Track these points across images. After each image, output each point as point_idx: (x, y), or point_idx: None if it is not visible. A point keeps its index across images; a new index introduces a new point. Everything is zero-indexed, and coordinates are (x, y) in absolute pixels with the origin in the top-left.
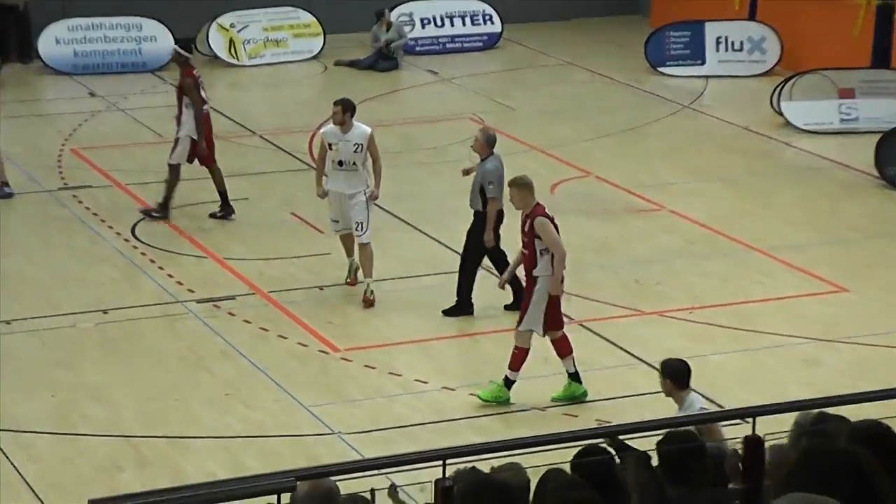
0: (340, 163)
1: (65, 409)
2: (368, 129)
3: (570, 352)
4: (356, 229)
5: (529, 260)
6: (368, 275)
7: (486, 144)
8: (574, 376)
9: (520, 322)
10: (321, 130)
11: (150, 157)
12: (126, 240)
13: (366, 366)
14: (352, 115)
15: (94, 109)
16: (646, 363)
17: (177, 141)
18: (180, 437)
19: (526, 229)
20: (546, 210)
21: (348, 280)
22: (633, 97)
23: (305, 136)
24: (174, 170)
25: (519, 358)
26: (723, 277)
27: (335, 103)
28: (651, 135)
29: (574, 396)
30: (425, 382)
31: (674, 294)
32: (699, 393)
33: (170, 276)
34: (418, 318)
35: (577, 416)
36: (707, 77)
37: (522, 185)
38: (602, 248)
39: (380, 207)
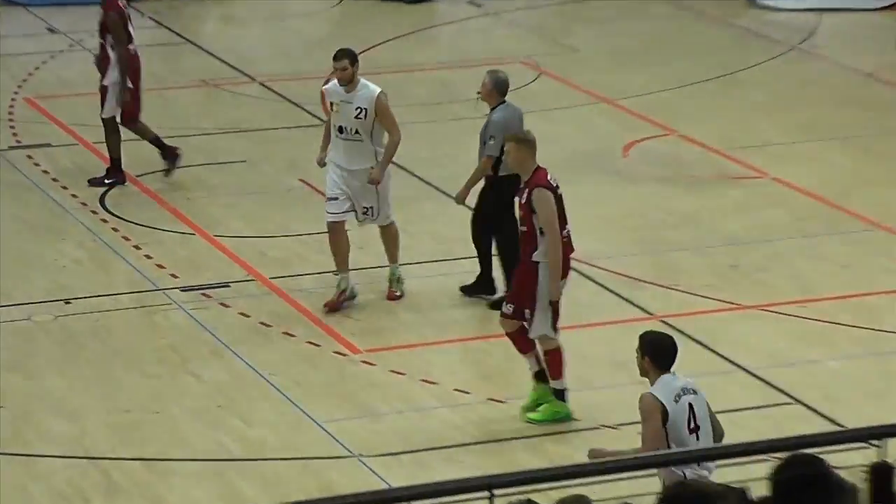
0: (340, 129)
1: (17, 424)
2: (376, 91)
3: (533, 347)
4: (365, 214)
5: (528, 240)
6: (393, 260)
7: (496, 90)
8: (540, 374)
9: (529, 328)
10: (325, 86)
11: None
12: (94, 212)
13: (393, 371)
14: (356, 70)
15: (55, 49)
16: (744, 370)
17: (105, 90)
18: (160, 460)
19: (523, 201)
20: (549, 178)
21: (335, 299)
22: (726, 35)
23: (316, 84)
24: (110, 124)
25: (554, 363)
26: (842, 262)
27: (338, 56)
28: (750, 83)
29: (538, 400)
30: (467, 392)
31: (779, 283)
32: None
33: (148, 257)
34: (458, 310)
35: None
36: (821, 10)
37: (521, 142)
38: (688, 224)
39: (409, 173)
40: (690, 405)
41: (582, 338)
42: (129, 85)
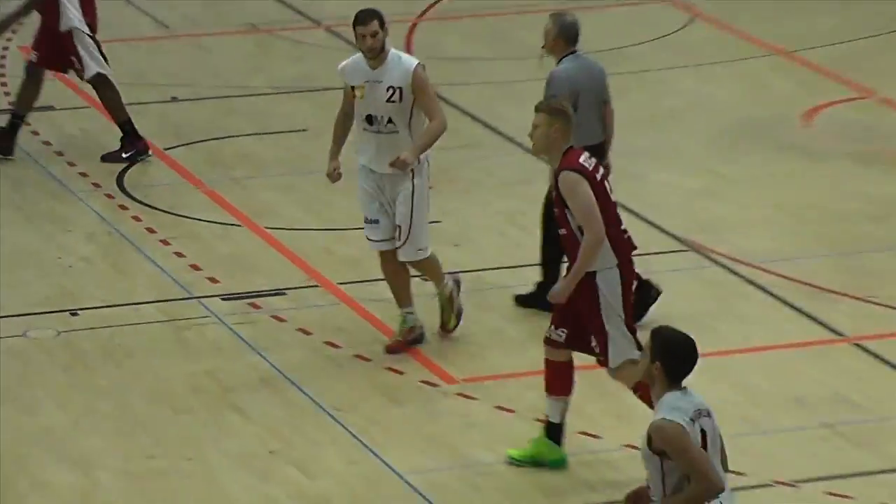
0: (370, 119)
1: (9, 471)
2: (412, 63)
3: (569, 392)
4: (396, 237)
5: (571, 246)
6: (438, 283)
7: (562, 37)
8: (554, 430)
9: (604, 357)
10: (342, 64)
11: (150, 62)
12: (109, 195)
13: (499, 407)
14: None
15: None
16: None
17: (69, 41)
18: None
19: (555, 193)
20: (582, 160)
21: (399, 339)
22: None
23: (401, 29)
24: (102, 83)
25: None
26: None
27: (364, 19)
28: None
29: (540, 459)
30: (597, 437)
31: None
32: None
33: (179, 255)
34: None
35: (851, 498)
36: None
37: (555, 115)
38: (892, 216)
39: (518, 146)
40: (703, 432)
41: (747, 365)
42: (89, 32)
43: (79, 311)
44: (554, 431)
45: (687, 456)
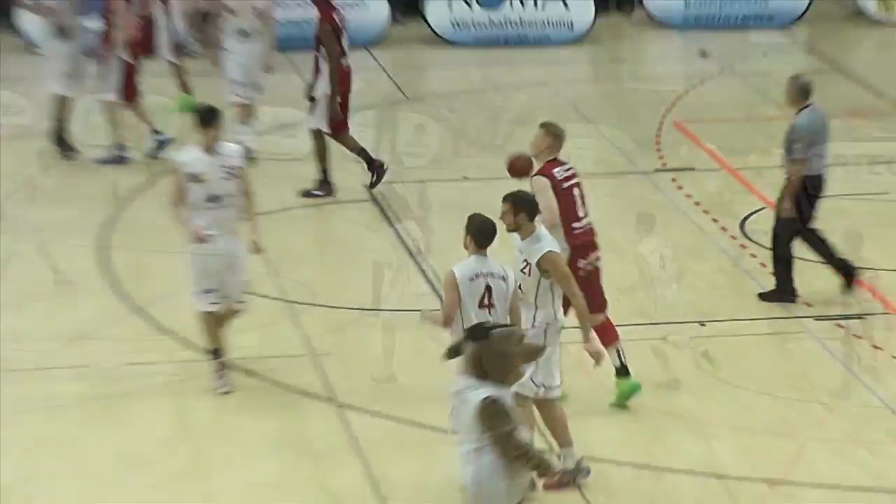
0: None
1: (648, 438)
2: None
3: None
4: None
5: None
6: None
7: (799, 93)
8: (622, 370)
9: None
10: None
11: (770, 134)
12: (733, 237)
13: None
14: None
15: (706, 74)
16: None
17: (313, 102)
18: (786, 483)
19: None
20: (555, 171)
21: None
22: None
23: None
24: (317, 136)
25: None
26: None
27: None
28: None
29: (627, 395)
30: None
31: None
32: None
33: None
34: None
35: None
36: None
37: (549, 132)
38: None
39: None
40: (488, 287)
41: None
42: (339, 98)
43: (708, 322)
44: (623, 371)
45: (444, 294)
